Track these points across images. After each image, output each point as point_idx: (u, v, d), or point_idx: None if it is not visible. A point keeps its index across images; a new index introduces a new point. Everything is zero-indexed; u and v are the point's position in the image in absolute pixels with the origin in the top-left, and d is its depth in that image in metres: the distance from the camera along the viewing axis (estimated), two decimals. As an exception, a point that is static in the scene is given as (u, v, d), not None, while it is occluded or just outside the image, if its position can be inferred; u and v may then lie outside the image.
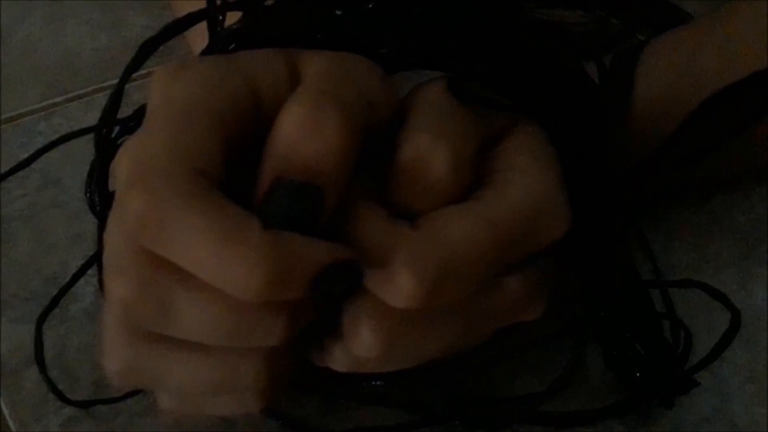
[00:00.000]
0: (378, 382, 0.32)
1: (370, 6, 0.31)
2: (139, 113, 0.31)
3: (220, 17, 0.33)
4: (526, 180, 0.27)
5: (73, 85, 0.46)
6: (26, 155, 0.35)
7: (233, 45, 0.31)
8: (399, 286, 0.25)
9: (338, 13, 0.32)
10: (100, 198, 0.31)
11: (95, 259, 0.33)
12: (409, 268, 0.25)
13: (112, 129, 0.31)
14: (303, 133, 0.24)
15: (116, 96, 0.31)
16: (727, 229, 0.39)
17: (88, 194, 0.32)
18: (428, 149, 0.26)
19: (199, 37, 0.31)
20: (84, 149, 0.33)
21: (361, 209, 0.26)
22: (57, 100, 0.45)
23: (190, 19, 0.32)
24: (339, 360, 0.27)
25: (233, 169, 0.25)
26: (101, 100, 0.46)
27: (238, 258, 0.23)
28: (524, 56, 0.31)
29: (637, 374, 0.32)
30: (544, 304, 0.29)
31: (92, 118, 0.44)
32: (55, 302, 0.35)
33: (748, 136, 0.37)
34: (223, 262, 0.23)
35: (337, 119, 0.25)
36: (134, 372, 0.26)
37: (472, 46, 0.31)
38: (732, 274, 0.38)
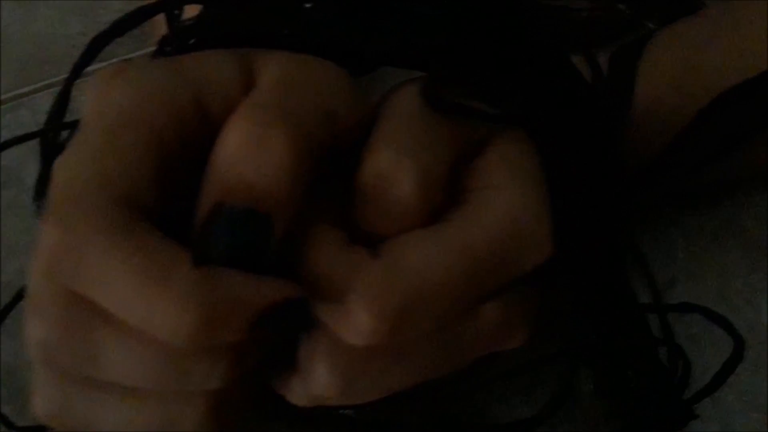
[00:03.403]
0: (348, 411, 0.29)
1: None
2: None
3: (177, 11, 0.30)
4: (503, 200, 0.24)
5: (42, 74, 0.44)
6: (-12, 150, 0.32)
7: (192, 40, 0.28)
8: (355, 324, 0.22)
9: (307, 5, 0.29)
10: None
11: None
12: (366, 303, 0.22)
13: (59, 134, 0.29)
14: (246, 154, 0.22)
15: (63, 97, 0.29)
16: (735, 238, 0.37)
17: (36, 205, 0.30)
18: (392, 167, 0.23)
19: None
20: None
21: (317, 235, 0.23)
22: (24, 90, 0.43)
23: (145, 13, 0.29)
24: (297, 395, 0.25)
25: (175, 190, 0.23)
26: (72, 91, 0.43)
27: (164, 300, 0.20)
28: (514, 54, 0.28)
29: (632, 404, 0.29)
30: (526, 332, 0.26)
31: (61, 110, 0.41)
32: (5, 313, 0.32)
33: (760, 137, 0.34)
34: (149, 305, 0.20)
35: (285, 137, 0.22)
36: (65, 415, 0.23)
37: (455, 44, 0.28)
38: (738, 288, 0.35)
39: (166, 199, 0.23)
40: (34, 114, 0.42)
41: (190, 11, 0.30)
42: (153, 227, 0.21)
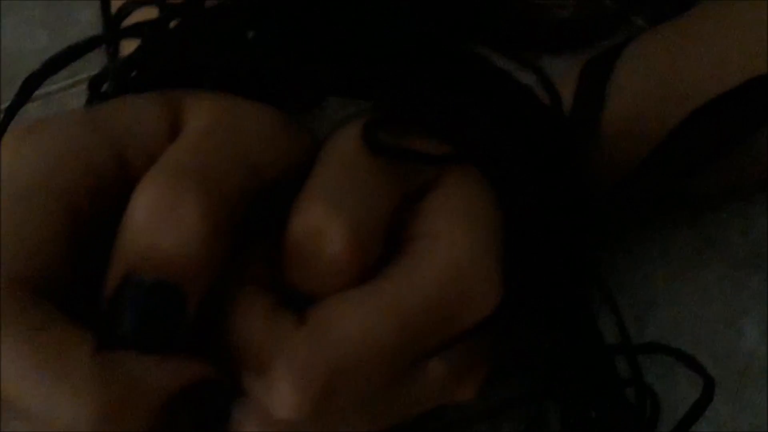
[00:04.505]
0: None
1: (288, 27, 0.28)
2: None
3: (113, 45, 0.29)
4: (444, 250, 0.23)
5: (9, 92, 0.43)
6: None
7: (134, 72, 0.27)
8: (278, 397, 0.21)
9: (249, 36, 0.28)
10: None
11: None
12: (289, 376, 0.21)
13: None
14: (156, 222, 0.20)
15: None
16: (718, 255, 0.35)
17: None
18: (322, 224, 0.22)
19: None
20: None
21: (243, 301, 0.22)
22: (-9, 107, 0.42)
23: (81, 48, 0.28)
24: None
25: (93, 257, 0.22)
26: (37, 110, 0.42)
27: (62, 391, 0.19)
28: (462, 84, 0.27)
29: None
30: (477, 384, 0.25)
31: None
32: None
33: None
34: (47, 397, 0.19)
35: (198, 203, 0.20)
36: None
37: (402, 75, 0.27)
38: (719, 310, 0.33)
39: (82, 269, 0.21)
40: None
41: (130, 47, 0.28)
42: (53, 308, 0.20)
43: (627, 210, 0.33)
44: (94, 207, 0.22)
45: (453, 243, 0.23)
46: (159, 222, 0.20)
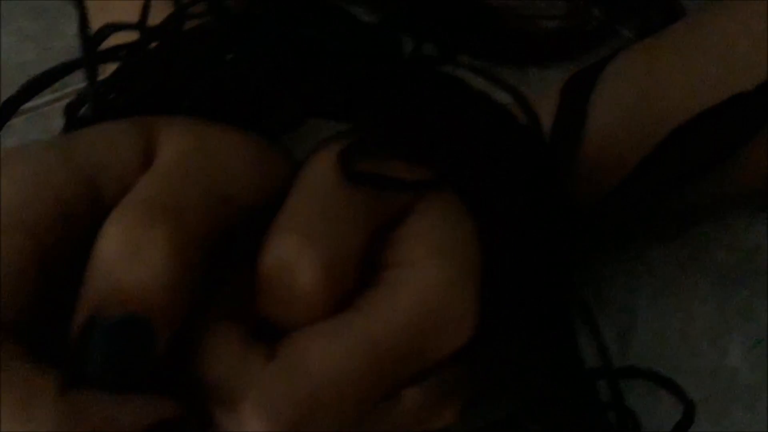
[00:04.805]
0: None
1: (267, 49, 0.27)
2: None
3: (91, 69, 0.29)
4: (418, 280, 0.23)
5: (-2, 105, 0.43)
6: None
7: (112, 95, 0.27)
8: (248, 433, 0.21)
9: (228, 57, 0.28)
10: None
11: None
12: (258, 412, 0.21)
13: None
14: (123, 260, 0.20)
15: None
16: (704, 269, 0.35)
17: None
18: (293, 256, 0.22)
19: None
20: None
21: (214, 335, 0.22)
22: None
23: (57, 73, 0.28)
24: None
25: (65, 293, 0.21)
26: (22, 125, 0.42)
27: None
28: (440, 108, 0.27)
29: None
30: (454, 412, 0.25)
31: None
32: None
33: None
34: None
35: (166, 239, 0.20)
36: None
37: (384, 96, 0.27)
38: (704, 328, 0.33)
39: (54, 304, 0.21)
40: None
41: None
42: (18, 348, 0.20)
43: (610, 227, 0.33)
44: (66, 240, 0.22)
45: (427, 273, 0.23)
46: (126, 260, 0.20)
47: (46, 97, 0.42)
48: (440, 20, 0.42)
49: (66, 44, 0.44)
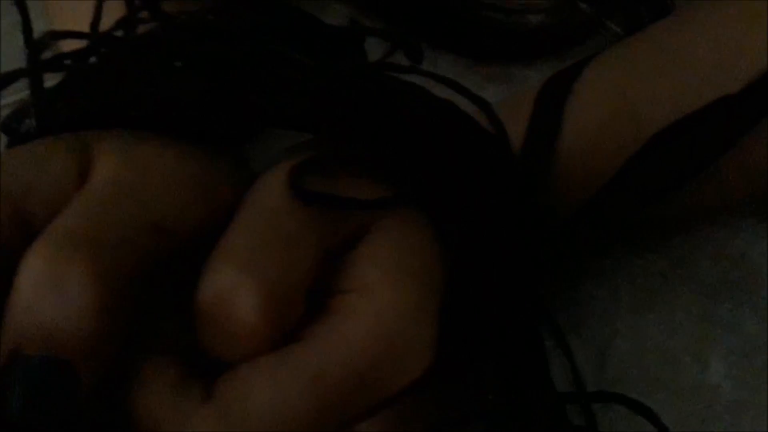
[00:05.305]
0: None
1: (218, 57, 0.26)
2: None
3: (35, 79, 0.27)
4: (372, 307, 0.22)
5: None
6: None
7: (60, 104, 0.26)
8: (183, 479, 0.20)
9: (177, 65, 0.26)
10: None
11: None
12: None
13: None
14: (41, 297, 0.19)
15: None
16: (686, 279, 0.33)
17: None
18: (232, 287, 0.21)
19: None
20: None
21: (147, 373, 0.20)
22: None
23: (4, 80, 0.27)
24: None
25: None
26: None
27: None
28: (407, 115, 0.25)
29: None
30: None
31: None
32: None
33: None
34: None
35: (86, 275, 0.19)
36: None
37: (342, 106, 0.25)
38: (685, 342, 0.32)
39: None
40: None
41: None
42: None
43: (588, 238, 0.32)
44: None
45: (380, 298, 0.22)
46: (46, 296, 0.19)
47: (7, 98, 0.41)
48: (421, 15, 0.41)
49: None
